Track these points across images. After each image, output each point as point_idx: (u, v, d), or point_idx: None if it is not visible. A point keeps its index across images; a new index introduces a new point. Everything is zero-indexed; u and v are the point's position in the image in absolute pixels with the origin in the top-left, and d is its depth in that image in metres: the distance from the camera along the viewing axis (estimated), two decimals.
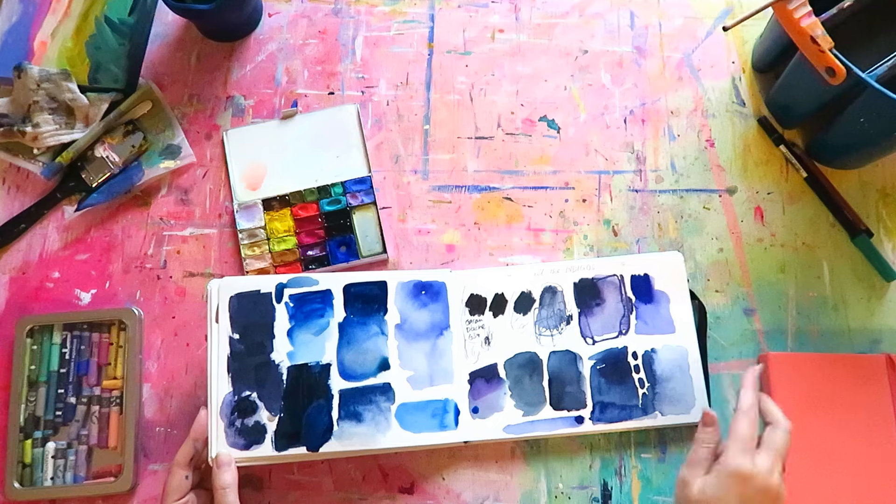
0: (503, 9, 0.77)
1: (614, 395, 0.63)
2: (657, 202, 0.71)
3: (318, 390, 0.60)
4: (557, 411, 0.63)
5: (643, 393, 0.63)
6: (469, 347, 0.64)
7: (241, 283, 0.61)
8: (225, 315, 0.60)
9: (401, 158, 0.72)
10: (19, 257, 0.69)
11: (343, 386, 0.60)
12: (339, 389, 0.60)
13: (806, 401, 0.63)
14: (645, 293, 0.66)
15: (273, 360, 0.60)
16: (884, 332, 0.67)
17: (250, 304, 0.61)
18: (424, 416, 0.61)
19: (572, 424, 0.63)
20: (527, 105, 0.74)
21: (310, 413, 0.59)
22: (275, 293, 0.62)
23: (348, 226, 0.70)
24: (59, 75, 0.68)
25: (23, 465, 0.63)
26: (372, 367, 0.61)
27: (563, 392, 0.63)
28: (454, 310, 0.64)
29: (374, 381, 0.61)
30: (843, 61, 0.56)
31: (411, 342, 0.63)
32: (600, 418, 0.63)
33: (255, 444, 0.58)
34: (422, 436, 0.60)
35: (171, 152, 0.71)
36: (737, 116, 0.73)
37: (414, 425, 0.60)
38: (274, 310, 0.61)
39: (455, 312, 0.64)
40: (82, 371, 0.65)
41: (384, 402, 0.60)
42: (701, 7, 0.77)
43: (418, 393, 0.61)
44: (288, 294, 0.62)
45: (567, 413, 0.63)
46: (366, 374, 0.61)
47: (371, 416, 0.60)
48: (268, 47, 0.76)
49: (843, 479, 0.61)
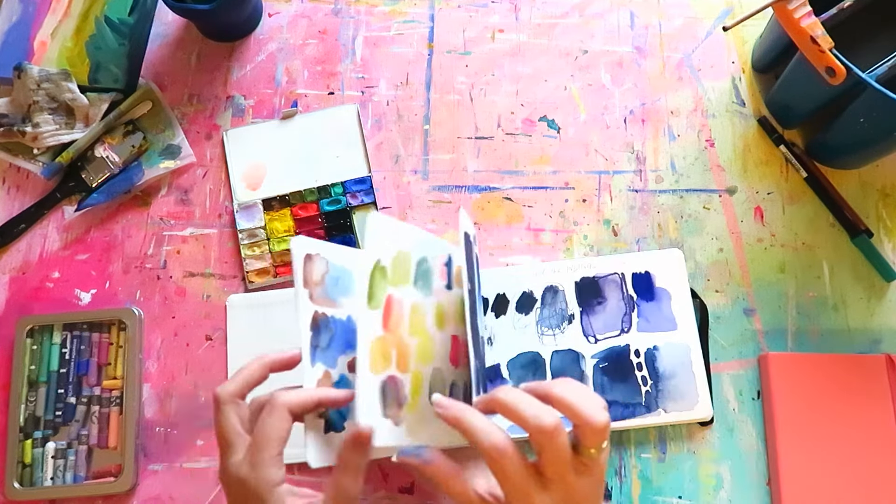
0: (503, 9, 0.77)
1: (617, 393, 0.63)
2: (657, 202, 0.71)
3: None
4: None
5: (646, 391, 0.63)
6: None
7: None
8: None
9: (401, 158, 0.72)
10: (19, 257, 0.69)
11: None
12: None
13: (806, 401, 0.63)
14: (646, 291, 0.66)
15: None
16: (884, 332, 0.67)
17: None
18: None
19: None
20: (527, 105, 0.74)
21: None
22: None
23: (348, 226, 0.70)
24: (59, 75, 0.68)
25: (23, 465, 0.63)
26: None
27: None
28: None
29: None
30: (843, 61, 0.56)
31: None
32: None
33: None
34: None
35: (171, 152, 0.71)
36: (737, 116, 0.73)
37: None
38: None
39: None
40: (82, 371, 0.65)
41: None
42: (701, 7, 0.77)
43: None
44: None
45: None
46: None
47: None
48: (268, 47, 0.76)
49: (843, 478, 0.61)
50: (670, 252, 0.67)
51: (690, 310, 0.65)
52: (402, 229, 0.50)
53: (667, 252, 0.67)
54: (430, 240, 0.53)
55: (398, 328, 0.47)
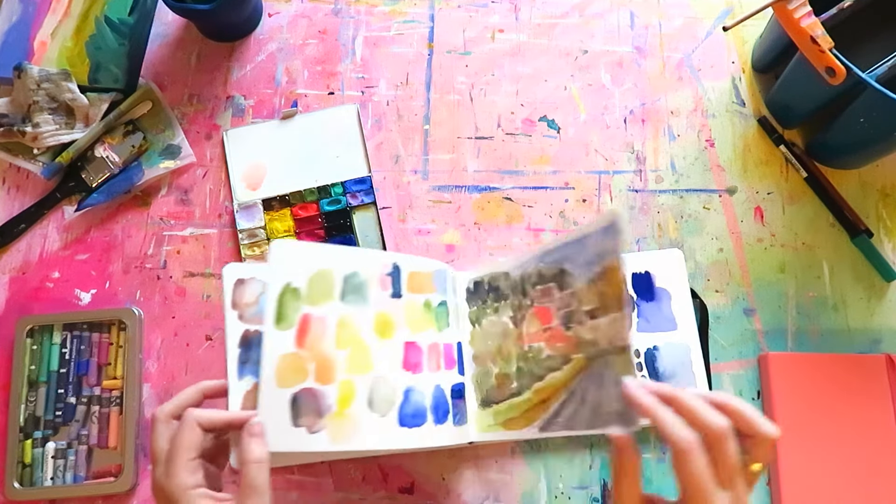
0: (503, 9, 0.77)
1: None
2: (657, 202, 0.71)
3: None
4: None
5: None
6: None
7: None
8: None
9: (401, 158, 0.72)
10: (19, 257, 0.69)
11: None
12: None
13: (806, 401, 0.63)
14: (646, 291, 0.66)
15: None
16: (884, 332, 0.67)
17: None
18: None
19: None
20: (527, 105, 0.74)
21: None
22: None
23: (348, 226, 0.70)
24: (59, 75, 0.68)
25: (23, 465, 0.63)
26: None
27: None
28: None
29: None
30: (843, 61, 0.56)
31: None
32: None
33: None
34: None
35: (171, 152, 0.71)
36: (737, 116, 0.73)
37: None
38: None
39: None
40: (82, 371, 0.65)
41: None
42: (701, 7, 0.77)
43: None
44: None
45: None
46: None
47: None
48: (268, 47, 0.76)
49: (843, 478, 0.61)
50: (670, 252, 0.67)
51: (690, 310, 0.65)
52: (318, 250, 0.54)
53: (667, 252, 0.67)
54: (363, 255, 0.57)
55: (319, 343, 0.51)
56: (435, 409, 0.56)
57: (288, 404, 0.50)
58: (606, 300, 0.51)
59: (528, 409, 0.56)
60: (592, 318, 0.52)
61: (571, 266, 0.55)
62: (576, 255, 0.55)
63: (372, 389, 0.53)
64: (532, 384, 0.57)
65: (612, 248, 0.50)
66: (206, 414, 0.46)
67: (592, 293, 0.52)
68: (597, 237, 0.52)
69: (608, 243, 0.50)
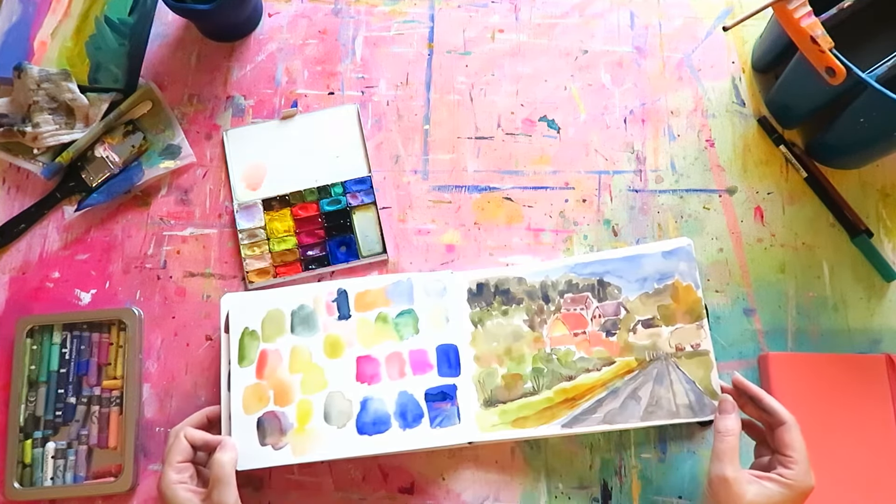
0: (503, 9, 0.77)
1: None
2: (657, 202, 0.71)
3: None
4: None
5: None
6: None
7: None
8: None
9: (401, 158, 0.72)
10: (19, 257, 0.69)
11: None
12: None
13: (806, 401, 0.63)
14: None
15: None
16: (884, 332, 0.67)
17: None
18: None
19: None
20: (527, 105, 0.74)
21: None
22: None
23: (348, 226, 0.70)
24: (59, 75, 0.68)
25: (23, 465, 0.63)
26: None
27: None
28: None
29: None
30: (843, 61, 0.56)
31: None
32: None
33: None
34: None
35: (171, 152, 0.71)
36: (737, 116, 0.73)
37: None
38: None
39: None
40: (82, 371, 0.65)
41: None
42: (701, 7, 0.77)
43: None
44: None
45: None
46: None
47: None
48: (268, 47, 0.76)
49: (844, 478, 0.61)
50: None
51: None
52: (266, 295, 0.63)
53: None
54: (308, 289, 0.64)
55: (275, 372, 0.61)
56: (401, 415, 0.60)
57: (254, 427, 0.59)
58: (670, 312, 0.62)
59: (546, 407, 0.61)
60: (648, 328, 0.61)
61: (617, 279, 0.63)
62: (625, 270, 0.63)
63: (327, 405, 0.60)
64: (555, 384, 0.61)
65: (685, 271, 0.62)
66: (192, 431, 0.57)
67: (648, 306, 0.62)
68: (657, 258, 0.63)
69: (678, 265, 0.62)
